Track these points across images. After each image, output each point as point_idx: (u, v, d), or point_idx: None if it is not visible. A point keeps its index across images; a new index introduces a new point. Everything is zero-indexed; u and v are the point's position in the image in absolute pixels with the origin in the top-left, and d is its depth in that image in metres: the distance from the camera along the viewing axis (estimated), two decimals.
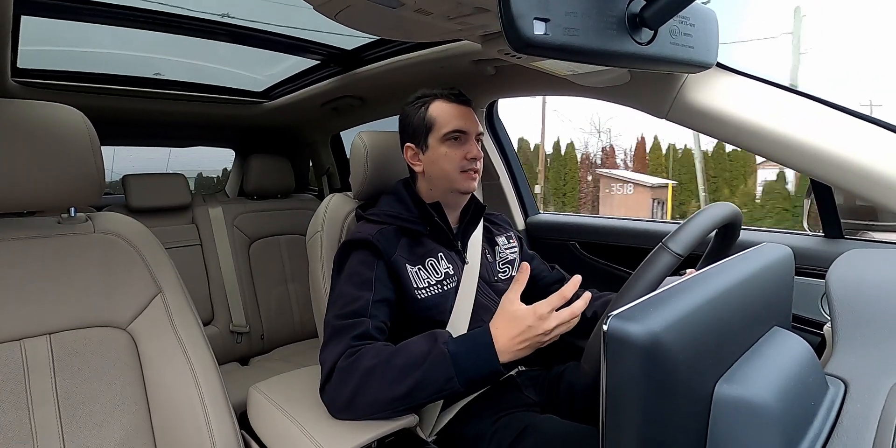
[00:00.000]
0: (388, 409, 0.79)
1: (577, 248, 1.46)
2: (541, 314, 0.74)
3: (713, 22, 0.66)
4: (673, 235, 0.68)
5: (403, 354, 0.79)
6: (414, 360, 0.77)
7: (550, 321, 0.74)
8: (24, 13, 1.11)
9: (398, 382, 0.76)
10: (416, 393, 0.76)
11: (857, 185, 0.75)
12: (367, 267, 0.92)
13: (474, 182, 1.02)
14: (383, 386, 0.77)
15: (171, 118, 1.95)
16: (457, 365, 0.75)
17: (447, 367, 0.75)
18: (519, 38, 0.45)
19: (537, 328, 0.74)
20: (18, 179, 0.74)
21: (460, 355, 0.76)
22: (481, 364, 0.76)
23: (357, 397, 0.78)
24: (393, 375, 0.77)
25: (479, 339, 0.77)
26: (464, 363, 0.75)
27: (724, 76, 0.86)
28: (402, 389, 0.76)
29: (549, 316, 0.74)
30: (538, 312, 0.74)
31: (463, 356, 0.76)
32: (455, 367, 0.75)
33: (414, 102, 1.03)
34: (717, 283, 0.48)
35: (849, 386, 0.52)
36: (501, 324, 0.77)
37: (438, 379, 0.75)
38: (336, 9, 0.75)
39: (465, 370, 0.75)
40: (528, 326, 0.74)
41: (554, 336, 0.76)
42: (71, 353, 0.77)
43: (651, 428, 0.39)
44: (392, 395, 0.76)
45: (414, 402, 0.78)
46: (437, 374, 0.75)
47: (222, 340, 1.84)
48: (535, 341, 0.75)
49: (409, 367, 0.77)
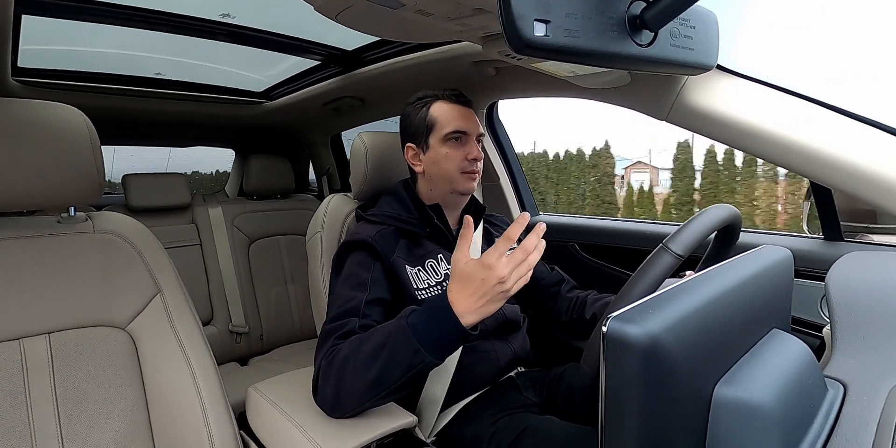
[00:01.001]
0: (370, 397, 0.77)
1: (577, 250, 1.46)
2: (489, 263, 0.69)
3: (714, 24, 0.66)
4: (674, 236, 0.68)
5: (371, 338, 0.77)
6: (380, 341, 0.75)
7: (501, 268, 0.68)
8: (25, 12, 1.11)
9: (369, 367, 0.74)
10: (388, 373, 0.73)
11: (857, 188, 0.75)
12: (364, 268, 0.92)
13: (474, 183, 1.02)
14: (357, 373, 0.75)
15: (172, 118, 1.95)
16: (418, 335, 0.72)
17: (409, 340, 0.72)
18: (519, 39, 0.45)
19: (490, 278, 0.69)
20: (18, 178, 0.74)
21: (420, 325, 0.73)
22: (444, 329, 0.71)
23: (340, 392, 0.77)
24: (363, 361, 0.75)
25: (436, 306, 0.73)
26: (426, 333, 0.72)
27: (725, 78, 0.86)
28: (373, 373, 0.74)
29: (497, 263, 0.68)
30: (486, 262, 0.69)
31: (423, 326, 0.72)
32: (417, 339, 0.72)
33: (415, 103, 1.03)
34: (716, 284, 0.48)
35: (848, 388, 0.52)
36: (455, 285, 0.72)
37: (405, 353, 0.72)
38: (337, 9, 0.75)
39: (429, 339, 0.72)
40: (481, 280, 0.69)
41: (515, 282, 0.70)
42: (70, 352, 0.77)
43: (650, 429, 0.39)
44: (366, 380, 0.74)
45: (390, 382, 0.75)
46: (403, 349, 0.72)
47: (221, 340, 1.83)
48: (494, 293, 0.69)
49: (376, 348, 0.75)
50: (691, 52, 0.62)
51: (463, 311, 0.71)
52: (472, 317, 0.71)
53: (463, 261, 0.73)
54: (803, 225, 1.12)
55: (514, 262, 0.69)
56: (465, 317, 0.71)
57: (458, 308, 0.71)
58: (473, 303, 0.71)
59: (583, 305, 1.10)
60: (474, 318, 0.71)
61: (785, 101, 0.82)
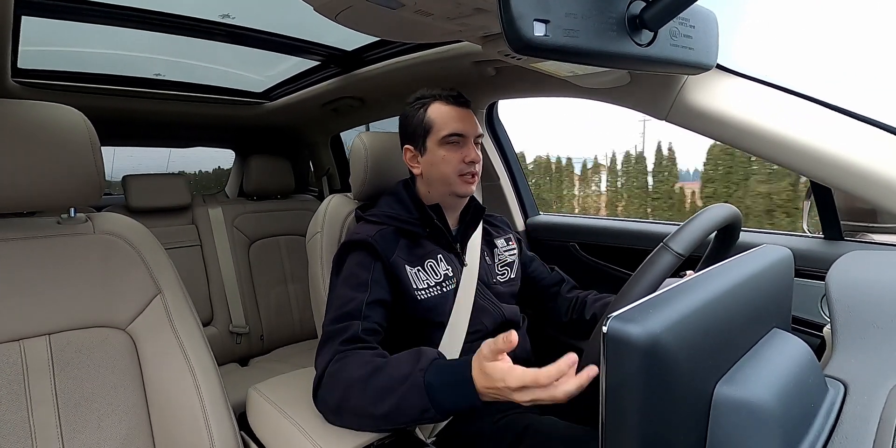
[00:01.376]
0: (371, 426, 0.79)
1: (577, 250, 1.46)
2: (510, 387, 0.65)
3: (713, 23, 0.66)
4: (674, 235, 0.68)
5: (385, 373, 0.76)
6: (392, 383, 0.74)
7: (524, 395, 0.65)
8: (25, 14, 1.11)
9: (377, 403, 0.74)
10: (395, 417, 0.74)
11: (857, 187, 0.75)
12: (363, 268, 0.92)
13: (472, 185, 1.01)
14: (364, 403, 0.76)
15: (172, 119, 1.95)
16: (432, 397, 0.71)
17: (422, 398, 0.71)
18: (519, 39, 0.45)
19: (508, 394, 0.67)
20: (18, 180, 0.74)
21: (436, 387, 0.71)
22: (459, 400, 0.71)
23: (343, 407, 0.78)
24: (373, 394, 0.75)
25: (458, 375, 0.71)
26: (440, 396, 0.71)
27: (725, 78, 0.86)
28: (380, 410, 0.74)
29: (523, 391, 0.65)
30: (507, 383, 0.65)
31: (439, 389, 0.71)
32: (430, 400, 0.71)
33: (413, 103, 1.03)
34: (716, 284, 0.48)
35: (848, 388, 0.52)
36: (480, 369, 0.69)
37: (414, 408, 0.72)
38: (336, 10, 0.75)
39: (441, 403, 0.71)
40: (499, 388, 0.67)
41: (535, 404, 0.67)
42: (70, 353, 0.77)
43: (651, 429, 0.39)
44: (372, 413, 0.75)
45: (394, 425, 0.76)
46: (413, 404, 0.72)
47: (222, 341, 1.83)
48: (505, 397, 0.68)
49: (387, 389, 0.74)
50: (691, 52, 0.62)
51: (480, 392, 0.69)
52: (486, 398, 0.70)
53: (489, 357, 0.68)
54: (803, 224, 1.12)
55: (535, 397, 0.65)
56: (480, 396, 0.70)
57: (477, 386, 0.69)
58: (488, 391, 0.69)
59: (583, 305, 1.10)
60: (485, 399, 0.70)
61: (785, 101, 0.82)
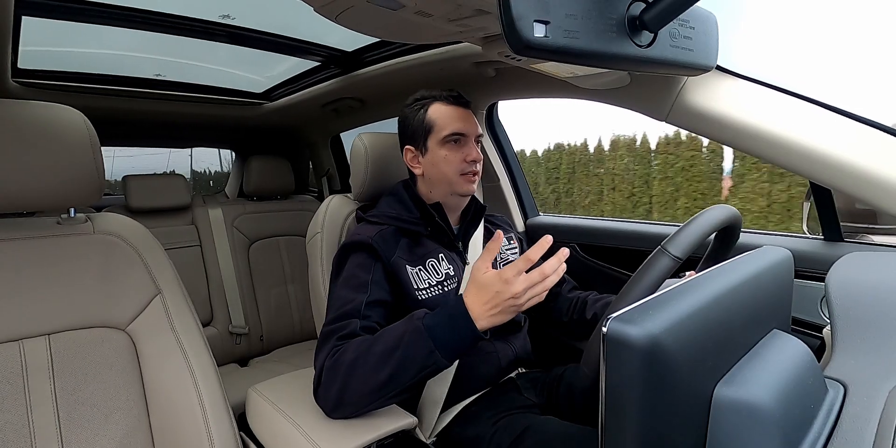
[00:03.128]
0: (377, 398, 0.78)
1: (577, 250, 1.46)
2: (506, 278, 0.72)
3: (713, 25, 0.66)
4: (672, 238, 0.68)
5: (382, 340, 0.78)
6: (393, 343, 0.76)
7: (517, 284, 0.71)
8: (25, 14, 1.11)
9: (381, 368, 0.75)
10: (401, 374, 0.75)
11: (857, 188, 0.75)
12: (364, 270, 0.92)
13: (473, 184, 1.02)
14: (367, 375, 0.76)
15: (172, 119, 1.95)
16: (434, 337, 0.74)
17: (425, 341, 0.74)
18: (519, 40, 0.45)
19: (505, 292, 0.72)
20: (18, 180, 0.74)
21: (437, 328, 0.75)
22: (460, 332, 0.75)
23: (345, 392, 0.78)
24: (374, 362, 0.76)
25: (453, 310, 0.76)
26: (441, 334, 0.74)
27: (724, 79, 0.86)
28: (385, 373, 0.75)
29: (514, 279, 0.71)
30: (503, 276, 0.72)
31: (440, 328, 0.75)
32: (433, 340, 0.74)
33: (413, 104, 1.03)
34: (716, 285, 0.48)
35: (848, 389, 0.52)
36: (472, 291, 0.75)
37: (419, 354, 0.75)
38: (337, 10, 0.75)
39: (444, 341, 0.74)
40: (496, 292, 0.72)
41: (528, 300, 0.73)
42: (70, 353, 0.77)
43: (651, 430, 0.39)
44: (377, 381, 0.76)
45: (400, 384, 0.77)
46: (418, 350, 0.75)
47: (221, 341, 1.83)
48: (506, 306, 0.73)
49: (388, 350, 0.76)
50: (691, 53, 0.62)
51: (477, 316, 0.74)
52: (483, 323, 0.74)
53: (483, 270, 0.75)
54: (803, 225, 1.12)
55: (529, 281, 0.72)
56: (478, 321, 0.74)
57: (473, 313, 0.74)
58: (487, 311, 0.74)
59: (583, 306, 1.10)
60: (485, 324, 0.74)
61: (785, 102, 0.82)
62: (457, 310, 0.75)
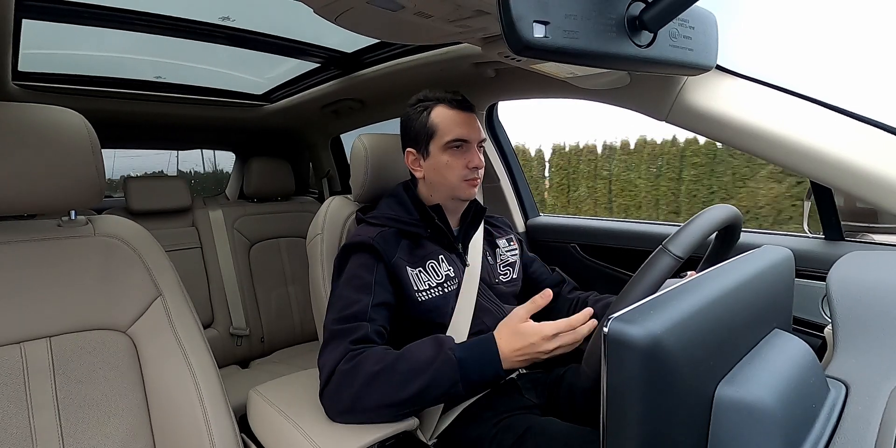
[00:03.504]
0: (390, 413, 0.80)
1: (578, 251, 1.46)
2: (545, 335, 0.76)
3: (713, 24, 0.66)
4: (673, 238, 0.68)
5: (408, 360, 0.80)
6: (420, 365, 0.79)
7: (553, 342, 0.76)
8: (26, 17, 1.12)
9: (405, 387, 0.78)
10: (423, 397, 0.78)
11: (857, 188, 0.75)
12: (366, 270, 0.92)
13: (475, 189, 1.02)
14: (388, 390, 0.78)
15: (172, 121, 1.95)
16: (464, 370, 0.78)
17: (454, 373, 0.77)
18: (519, 40, 0.45)
19: (539, 346, 0.76)
20: (19, 182, 0.74)
21: (467, 361, 0.78)
22: (486, 370, 0.78)
23: (360, 401, 0.79)
24: (399, 380, 0.78)
25: (485, 347, 0.79)
26: (469, 368, 0.78)
27: (724, 78, 0.86)
28: (408, 393, 0.77)
29: (553, 338, 0.77)
30: (544, 333, 0.77)
31: (469, 363, 0.78)
32: (462, 373, 0.77)
33: (416, 105, 1.02)
34: (717, 285, 0.48)
35: (850, 388, 0.52)
36: (506, 335, 0.79)
37: (445, 383, 0.78)
38: (336, 12, 0.75)
39: (469, 375, 0.78)
40: (531, 344, 0.77)
41: (552, 355, 0.78)
42: (71, 356, 0.77)
43: (652, 430, 0.38)
44: (397, 398, 0.78)
45: (417, 406, 0.81)
46: (444, 379, 0.78)
47: (222, 343, 1.83)
48: (533, 357, 0.77)
49: (416, 371, 0.78)
50: (690, 53, 0.62)
51: (504, 358, 0.78)
52: (507, 365, 0.78)
53: (524, 319, 0.80)
54: (804, 225, 1.12)
55: (562, 341, 0.77)
56: (503, 363, 0.78)
57: (502, 354, 0.78)
58: (515, 356, 0.78)
59: (583, 306, 1.10)
60: (508, 366, 0.79)
61: (785, 101, 0.82)
62: (489, 350, 0.79)
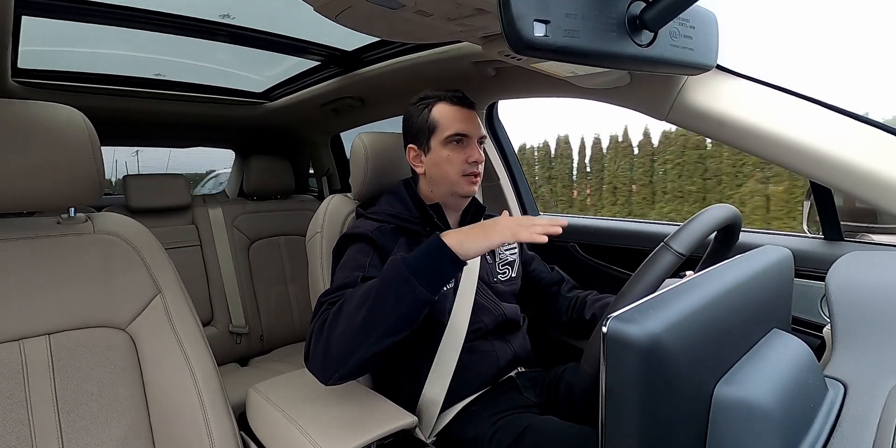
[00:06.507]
0: (360, 343, 0.74)
1: (577, 250, 1.46)
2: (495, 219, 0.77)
3: (713, 24, 0.66)
4: (675, 235, 0.68)
5: (363, 286, 0.79)
6: (370, 284, 0.77)
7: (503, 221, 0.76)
8: (25, 14, 1.11)
9: (359, 308, 0.74)
10: (378, 310, 0.73)
11: (857, 188, 0.75)
12: (363, 254, 0.92)
13: (475, 186, 1.02)
14: (347, 323, 0.75)
15: (172, 119, 1.95)
16: (408, 264, 0.74)
17: (399, 270, 0.74)
18: (519, 39, 0.45)
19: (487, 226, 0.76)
20: (18, 179, 0.74)
21: (413, 257, 0.75)
22: (438, 260, 0.74)
23: (330, 344, 0.76)
24: (353, 305, 0.75)
25: (430, 242, 0.76)
26: (415, 261, 0.74)
27: (724, 78, 0.86)
28: (363, 313, 0.73)
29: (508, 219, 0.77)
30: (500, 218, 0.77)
31: (413, 256, 0.75)
32: (407, 267, 0.73)
33: (417, 103, 1.03)
34: (716, 284, 0.48)
35: (848, 388, 0.52)
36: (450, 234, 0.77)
37: (395, 284, 0.73)
38: (336, 10, 0.75)
39: (418, 266, 0.74)
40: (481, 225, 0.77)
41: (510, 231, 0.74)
42: (70, 353, 0.77)
43: (651, 429, 0.39)
44: (356, 323, 0.74)
45: (381, 322, 0.73)
46: (393, 281, 0.74)
47: (222, 341, 1.83)
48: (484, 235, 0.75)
49: (366, 290, 0.76)
50: (691, 52, 0.62)
51: (454, 245, 0.74)
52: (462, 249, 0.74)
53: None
54: (803, 225, 1.12)
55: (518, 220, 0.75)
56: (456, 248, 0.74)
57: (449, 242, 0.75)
58: (464, 236, 0.75)
59: (583, 305, 1.10)
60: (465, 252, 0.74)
61: (785, 101, 0.82)
62: (434, 244, 0.75)
